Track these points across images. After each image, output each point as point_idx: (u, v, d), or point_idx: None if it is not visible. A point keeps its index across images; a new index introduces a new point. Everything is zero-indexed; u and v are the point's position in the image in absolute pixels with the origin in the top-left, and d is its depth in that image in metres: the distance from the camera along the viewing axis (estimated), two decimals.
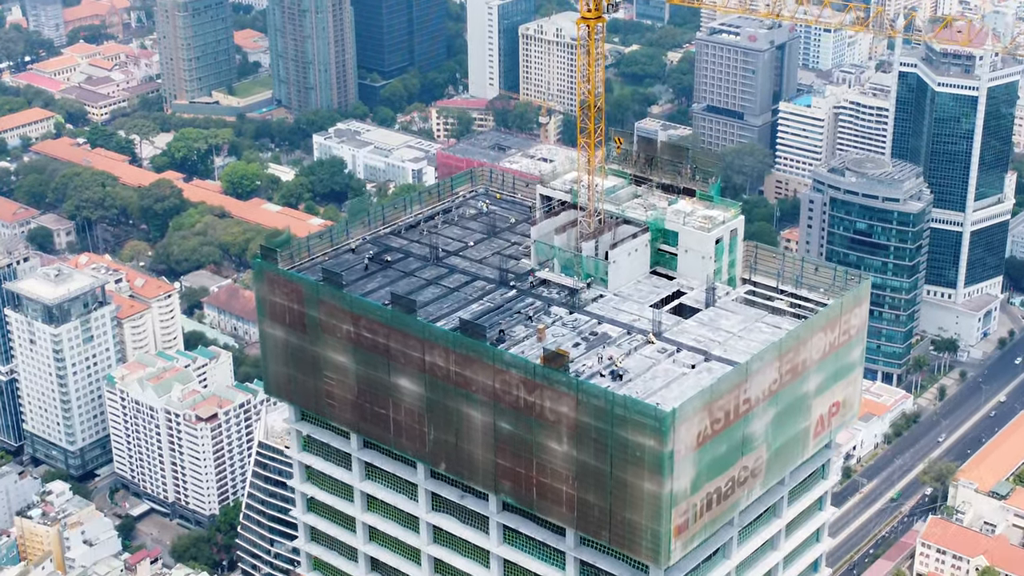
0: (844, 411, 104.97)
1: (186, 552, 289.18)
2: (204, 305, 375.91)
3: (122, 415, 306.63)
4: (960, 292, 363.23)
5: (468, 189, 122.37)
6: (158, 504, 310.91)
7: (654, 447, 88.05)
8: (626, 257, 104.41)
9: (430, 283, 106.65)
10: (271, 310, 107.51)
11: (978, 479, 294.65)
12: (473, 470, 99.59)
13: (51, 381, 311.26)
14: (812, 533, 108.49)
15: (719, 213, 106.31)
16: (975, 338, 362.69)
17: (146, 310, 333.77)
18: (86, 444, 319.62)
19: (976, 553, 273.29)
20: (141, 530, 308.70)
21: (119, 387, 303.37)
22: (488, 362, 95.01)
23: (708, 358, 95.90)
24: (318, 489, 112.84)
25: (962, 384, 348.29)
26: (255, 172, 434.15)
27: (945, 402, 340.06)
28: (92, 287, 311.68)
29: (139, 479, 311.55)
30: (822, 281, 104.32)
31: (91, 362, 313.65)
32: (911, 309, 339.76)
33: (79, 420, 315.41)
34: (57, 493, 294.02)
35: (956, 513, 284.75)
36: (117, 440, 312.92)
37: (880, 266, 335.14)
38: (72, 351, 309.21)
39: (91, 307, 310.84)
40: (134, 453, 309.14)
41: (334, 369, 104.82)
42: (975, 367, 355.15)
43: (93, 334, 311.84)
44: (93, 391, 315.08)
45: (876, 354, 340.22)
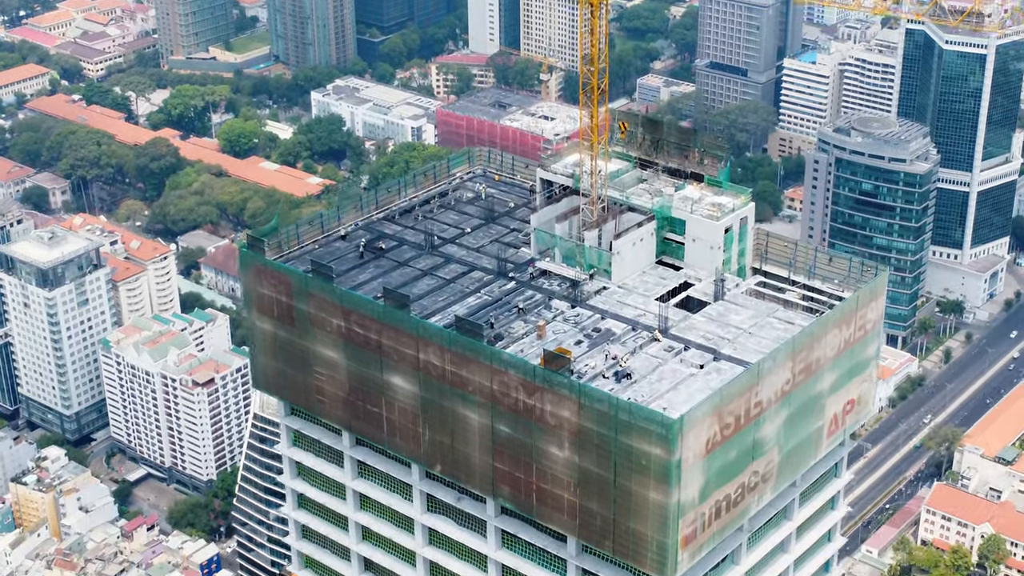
0: (859, 408, 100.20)
1: (183, 518, 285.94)
2: (201, 266, 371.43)
3: (118, 380, 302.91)
4: (966, 253, 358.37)
5: (465, 170, 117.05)
6: (155, 469, 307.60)
7: (660, 455, 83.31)
8: (631, 247, 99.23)
9: (425, 274, 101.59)
10: (259, 302, 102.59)
11: (984, 444, 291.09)
12: (470, 473, 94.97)
13: (46, 345, 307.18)
14: (824, 533, 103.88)
15: (728, 200, 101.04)
16: (981, 299, 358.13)
17: (142, 272, 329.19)
18: (82, 408, 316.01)
19: (982, 520, 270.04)
20: (138, 495, 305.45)
21: (114, 351, 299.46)
22: (485, 362, 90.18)
23: (717, 357, 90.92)
24: (309, 486, 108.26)
25: (968, 346, 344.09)
26: (252, 130, 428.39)
27: (950, 365, 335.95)
28: (87, 250, 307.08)
29: (136, 444, 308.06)
30: (836, 272, 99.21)
31: (86, 326, 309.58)
32: (917, 271, 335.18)
33: (74, 384, 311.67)
34: (52, 459, 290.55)
35: (961, 479, 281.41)
36: (113, 405, 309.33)
37: (886, 227, 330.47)
38: (67, 315, 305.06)
39: (86, 270, 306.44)
40: (130, 418, 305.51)
41: (324, 365, 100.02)
42: (981, 329, 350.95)
43: (88, 297, 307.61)
44: (88, 355, 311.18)
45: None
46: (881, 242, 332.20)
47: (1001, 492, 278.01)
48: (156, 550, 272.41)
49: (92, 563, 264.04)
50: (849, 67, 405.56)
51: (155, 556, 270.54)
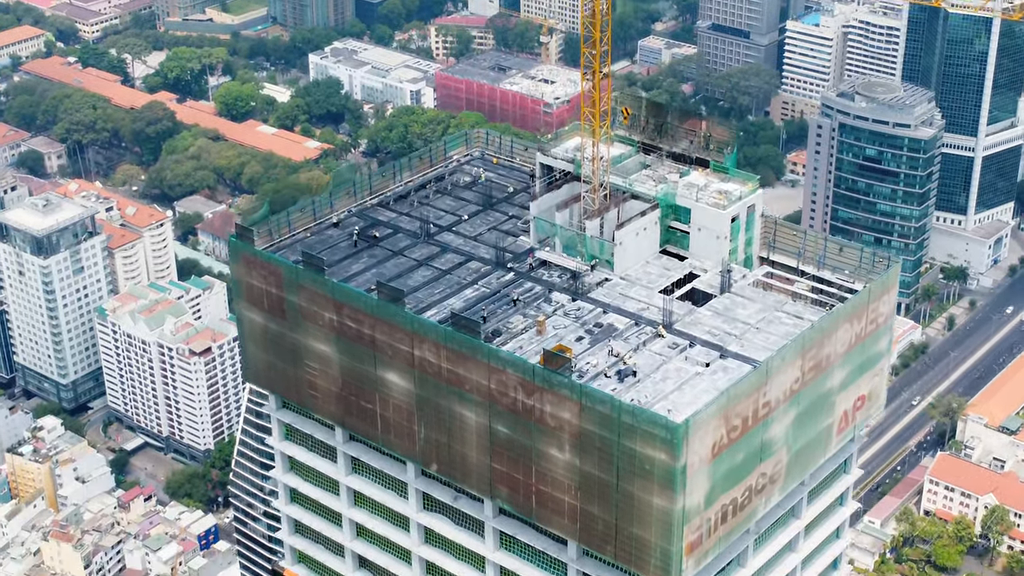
0: (870, 404, 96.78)
1: (180, 488, 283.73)
2: (198, 231, 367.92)
3: (114, 348, 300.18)
4: (970, 219, 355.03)
5: (463, 153, 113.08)
6: (152, 438, 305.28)
7: (665, 461, 79.91)
8: (634, 237, 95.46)
9: (420, 264, 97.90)
10: (248, 293, 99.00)
11: (987, 414, 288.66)
12: (467, 473, 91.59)
13: (41, 313, 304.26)
14: (832, 531, 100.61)
15: (735, 187, 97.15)
16: (985, 265, 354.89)
17: (138, 239, 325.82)
18: (78, 377, 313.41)
19: (985, 491, 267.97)
20: (135, 464, 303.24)
21: (110, 320, 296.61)
22: (482, 360, 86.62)
23: (724, 355, 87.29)
24: (302, 481, 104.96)
25: (971, 313, 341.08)
26: (250, 93, 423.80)
27: (954, 332, 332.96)
28: (82, 217, 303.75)
29: (133, 413, 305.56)
30: (846, 262, 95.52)
31: (82, 294, 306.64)
32: (920, 237, 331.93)
33: (70, 353, 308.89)
34: (48, 429, 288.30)
35: (965, 448, 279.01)
36: (110, 373, 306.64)
37: (889, 193, 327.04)
38: (62, 283, 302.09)
39: (81, 237, 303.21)
40: (127, 387, 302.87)
41: (316, 359, 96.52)
42: (985, 295, 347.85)
43: (83, 265, 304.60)
44: (84, 323, 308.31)
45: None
46: (885, 208, 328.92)
47: (1005, 462, 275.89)
48: (153, 521, 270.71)
49: (89, 534, 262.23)
50: (853, 30, 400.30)
51: (152, 527, 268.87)
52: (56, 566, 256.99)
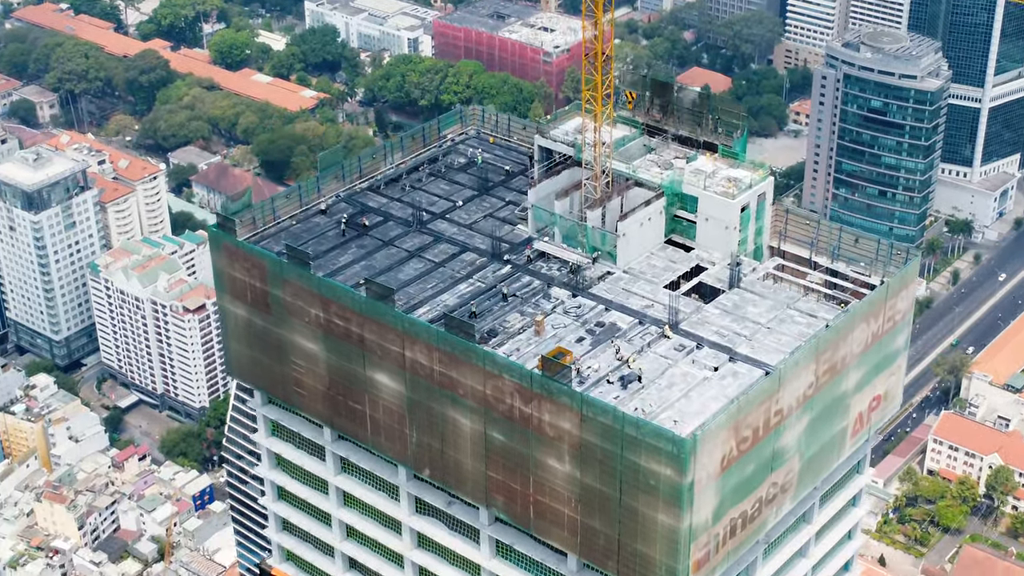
0: (886, 404, 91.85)
1: (175, 447, 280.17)
2: (193, 183, 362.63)
3: (107, 305, 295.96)
4: (976, 171, 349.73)
5: (457, 131, 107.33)
6: (147, 396, 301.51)
7: (671, 477, 75.04)
8: (637, 228, 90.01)
9: (412, 255, 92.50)
10: (231, 285, 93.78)
11: (992, 371, 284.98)
12: (461, 480, 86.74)
13: (33, 269, 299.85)
14: (845, 533, 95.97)
15: (745, 174, 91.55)
16: (990, 218, 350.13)
17: (131, 193, 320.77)
18: (71, 333, 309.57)
19: (990, 451, 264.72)
20: (130, 422, 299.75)
21: (103, 276, 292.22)
22: (477, 364, 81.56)
23: (733, 358, 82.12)
24: (289, 478, 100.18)
25: (976, 267, 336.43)
26: (245, 41, 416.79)
27: (958, 286, 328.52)
28: (73, 171, 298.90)
29: (127, 370, 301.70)
30: (862, 253, 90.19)
31: (74, 249, 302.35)
32: (925, 190, 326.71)
33: (63, 309, 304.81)
34: (41, 387, 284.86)
35: (969, 406, 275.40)
36: (103, 330, 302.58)
37: (894, 146, 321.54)
38: (54, 238, 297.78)
39: (72, 192, 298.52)
40: (121, 344, 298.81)
41: (302, 356, 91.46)
42: (990, 249, 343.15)
43: (75, 220, 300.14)
44: (77, 279, 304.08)
45: (888, 237, 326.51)
46: (889, 161, 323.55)
47: (1010, 421, 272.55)
48: (148, 480, 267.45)
49: (83, 494, 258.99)
50: None
51: (147, 487, 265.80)
52: (49, 527, 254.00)
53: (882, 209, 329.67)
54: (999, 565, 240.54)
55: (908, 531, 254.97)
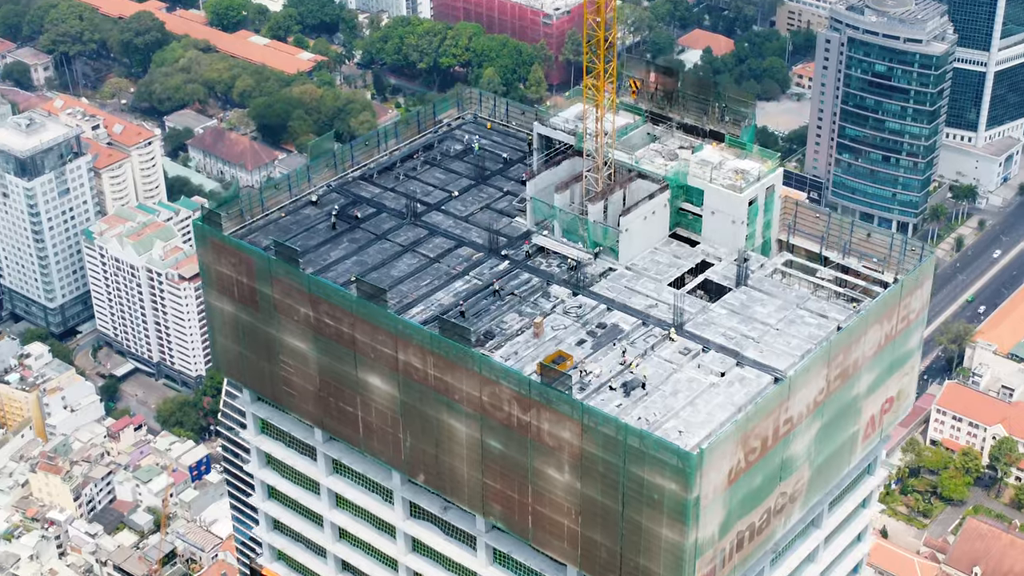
0: (898, 405, 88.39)
1: (171, 417, 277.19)
2: (189, 147, 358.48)
3: (102, 272, 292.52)
4: (981, 135, 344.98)
5: (453, 116, 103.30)
6: (143, 364, 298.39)
7: (676, 492, 71.62)
8: (641, 222, 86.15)
9: (406, 250, 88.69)
10: (218, 281, 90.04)
11: (996, 340, 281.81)
12: (456, 487, 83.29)
13: (26, 236, 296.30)
14: (855, 536, 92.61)
15: (753, 166, 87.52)
16: (995, 183, 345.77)
17: (125, 159, 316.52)
18: (66, 301, 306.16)
19: (994, 421, 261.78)
20: (125, 391, 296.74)
21: (98, 243, 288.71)
22: (473, 369, 77.97)
23: (741, 362, 78.46)
24: (280, 478, 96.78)
25: (980, 234, 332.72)
26: (241, 2, 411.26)
27: (962, 253, 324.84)
28: (67, 137, 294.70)
29: (122, 338, 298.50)
30: (875, 249, 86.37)
31: (68, 216, 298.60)
32: (930, 156, 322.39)
33: (57, 277, 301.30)
34: (36, 356, 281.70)
35: (973, 375, 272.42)
36: (98, 297, 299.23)
37: (899, 111, 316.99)
38: (47, 205, 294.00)
39: (66, 158, 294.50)
40: (116, 311, 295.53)
41: (292, 355, 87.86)
42: (994, 215, 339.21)
43: (69, 187, 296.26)
44: (71, 247, 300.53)
45: (891, 203, 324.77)
46: (893, 126, 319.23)
47: (1014, 390, 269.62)
48: (143, 451, 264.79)
49: (78, 465, 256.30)
50: None
51: (142, 457, 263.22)
52: (45, 498, 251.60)
53: (886, 175, 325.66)
54: (1003, 538, 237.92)
55: (911, 502, 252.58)
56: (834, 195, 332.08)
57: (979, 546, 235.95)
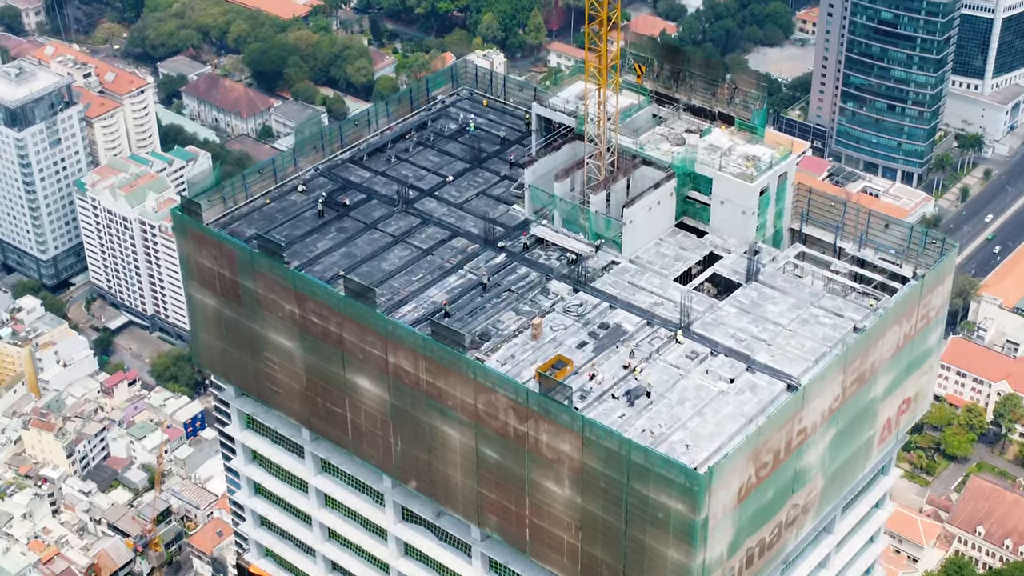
0: (916, 405, 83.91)
1: (166, 371, 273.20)
2: (183, 95, 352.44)
3: (94, 224, 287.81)
4: (987, 83, 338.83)
5: (448, 92, 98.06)
6: (137, 317, 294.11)
7: (683, 512, 67.29)
8: (646, 213, 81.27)
9: (397, 240, 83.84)
10: (198, 273, 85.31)
11: (1002, 294, 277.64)
12: (450, 495, 78.93)
13: (18, 188, 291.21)
14: (869, 537, 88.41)
15: (764, 152, 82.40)
16: (1001, 132, 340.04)
17: (118, 108, 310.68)
18: (59, 252, 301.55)
19: (999, 377, 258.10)
20: (120, 344, 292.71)
21: (90, 195, 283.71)
22: (467, 375, 73.42)
23: (751, 367, 73.79)
24: (266, 474, 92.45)
25: (986, 184, 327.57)
26: None
27: (967, 203, 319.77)
28: (58, 86, 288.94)
29: (116, 290, 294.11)
30: (892, 241, 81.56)
31: (59, 167, 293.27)
32: (936, 105, 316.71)
33: (50, 229, 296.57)
34: (28, 310, 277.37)
35: (977, 330, 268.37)
36: (91, 249, 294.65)
37: (904, 59, 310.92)
38: (38, 155, 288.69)
39: (57, 108, 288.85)
40: (109, 264, 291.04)
41: (277, 352, 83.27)
42: (1000, 164, 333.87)
43: (60, 137, 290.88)
44: (63, 198, 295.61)
45: (897, 152, 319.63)
46: (899, 74, 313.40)
47: (1019, 345, 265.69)
48: (138, 406, 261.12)
49: (71, 421, 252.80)
50: None
51: (137, 413, 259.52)
52: (38, 455, 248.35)
53: (891, 124, 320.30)
54: (1007, 497, 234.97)
55: (914, 459, 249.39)
56: (838, 144, 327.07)
57: (983, 505, 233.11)
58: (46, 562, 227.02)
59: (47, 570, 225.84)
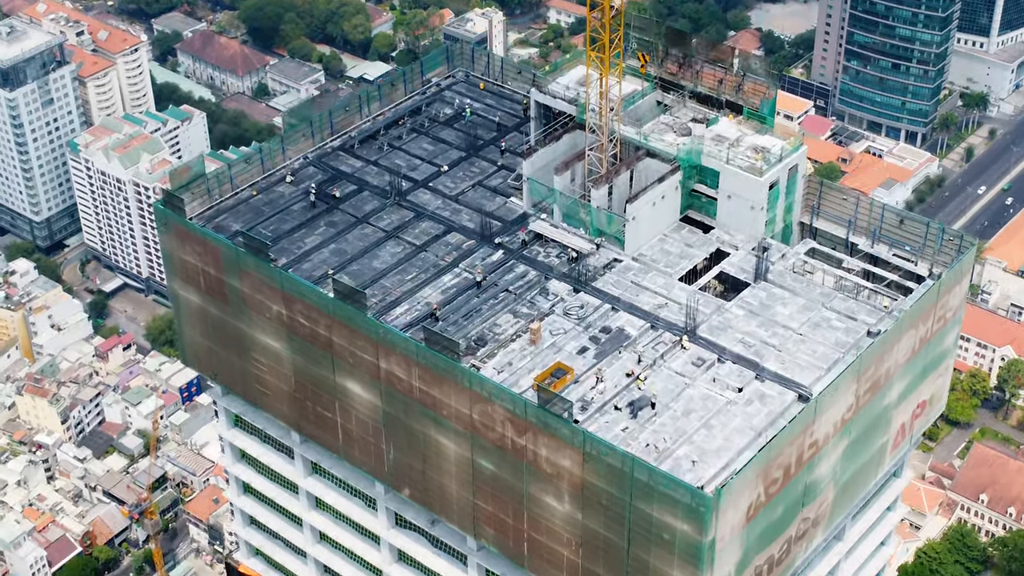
0: (931, 408, 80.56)
1: (161, 335, 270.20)
2: (177, 52, 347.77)
3: (88, 186, 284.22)
4: (993, 41, 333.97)
5: (443, 74, 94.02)
6: (132, 279, 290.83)
7: (689, 533, 64.03)
8: (649, 208, 77.55)
9: (390, 236, 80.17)
10: (182, 269, 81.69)
11: (1007, 256, 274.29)
12: (446, 505, 75.69)
13: (10, 149, 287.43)
14: (880, 542, 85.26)
15: (774, 142, 78.57)
16: (1007, 90, 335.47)
17: (111, 67, 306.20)
18: (52, 214, 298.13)
19: (1003, 342, 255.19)
20: (114, 307, 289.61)
21: (83, 156, 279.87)
22: (463, 385, 69.99)
23: (760, 375, 70.31)
24: (255, 474, 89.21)
25: (991, 144, 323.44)
26: None
27: (972, 164, 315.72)
28: (50, 45, 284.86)
29: (110, 252, 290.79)
30: (908, 237, 77.90)
31: (52, 127, 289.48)
32: (941, 64, 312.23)
33: (43, 190, 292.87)
34: (21, 273, 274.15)
35: (981, 293, 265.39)
36: (85, 212, 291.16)
37: (909, 16, 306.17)
38: (30, 116, 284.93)
39: (49, 67, 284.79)
40: (103, 225, 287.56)
41: (264, 353, 79.79)
42: (1005, 124, 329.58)
43: (53, 97, 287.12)
44: (56, 159, 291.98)
45: (901, 111, 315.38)
46: (904, 33, 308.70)
47: (1023, 309, 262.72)
48: (133, 371, 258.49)
49: (66, 386, 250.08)
50: None
51: (132, 378, 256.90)
52: (32, 420, 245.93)
53: (895, 83, 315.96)
54: (1010, 464, 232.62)
55: None
56: (841, 103, 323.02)
57: (986, 472, 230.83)
58: (41, 530, 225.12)
59: (42, 538, 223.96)
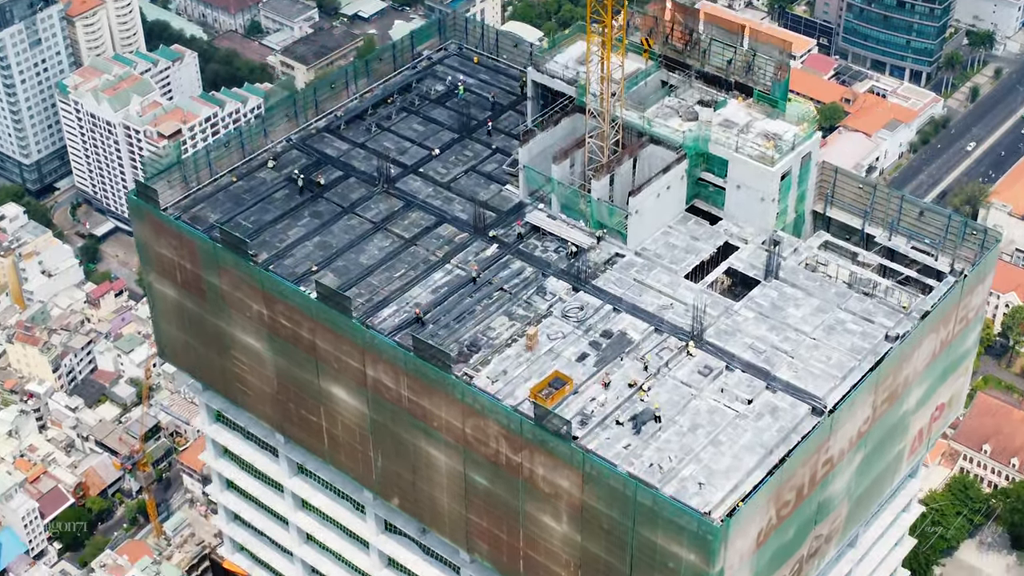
0: (949, 410, 76.21)
1: None
2: None
3: (77, 128, 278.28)
4: None
5: (435, 47, 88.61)
6: (123, 223, 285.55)
7: (696, 564, 59.83)
8: (654, 200, 72.64)
9: (377, 227, 75.33)
10: (157, 262, 76.95)
11: (1011, 200, 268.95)
12: (437, 517, 71.46)
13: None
14: (893, 543, 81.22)
15: (787, 128, 73.48)
16: (1013, 28, 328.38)
17: (100, 6, 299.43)
18: (42, 157, 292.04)
19: (1007, 289, 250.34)
20: (106, 251, 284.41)
21: (72, 98, 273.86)
22: (454, 397, 65.54)
23: (771, 385, 65.80)
24: (238, 470, 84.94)
25: (996, 83, 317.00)
26: None
27: (977, 104, 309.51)
28: None
29: (101, 195, 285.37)
30: (927, 230, 73.09)
31: (40, 68, 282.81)
32: (946, 1, 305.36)
33: (32, 132, 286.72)
34: (10, 218, 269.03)
35: None
36: (75, 154, 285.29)
37: None
38: (18, 57, 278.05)
39: (36, 6, 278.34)
40: (94, 168, 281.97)
41: (245, 352, 75.23)
42: (1011, 63, 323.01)
43: (40, 37, 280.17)
44: (45, 100, 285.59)
45: (905, 50, 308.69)
46: None
47: None
48: (125, 318, 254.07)
49: (57, 334, 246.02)
50: None
51: (124, 325, 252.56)
52: (23, 369, 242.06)
53: (899, 21, 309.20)
54: (1014, 414, 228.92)
55: None
56: (845, 42, 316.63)
57: (989, 422, 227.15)
58: (32, 481, 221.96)
59: (34, 489, 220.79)
